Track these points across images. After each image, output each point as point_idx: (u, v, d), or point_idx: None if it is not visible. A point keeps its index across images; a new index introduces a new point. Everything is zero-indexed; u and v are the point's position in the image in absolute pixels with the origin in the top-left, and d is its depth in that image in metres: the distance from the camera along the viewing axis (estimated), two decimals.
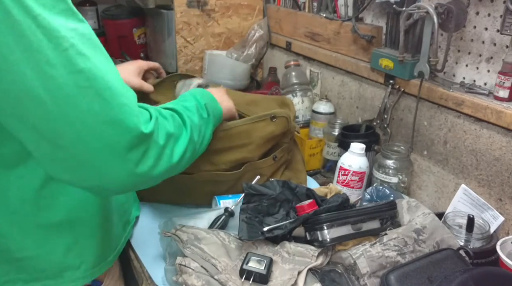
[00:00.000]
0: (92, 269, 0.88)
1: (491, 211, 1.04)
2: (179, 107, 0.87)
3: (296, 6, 1.77)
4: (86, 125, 0.63)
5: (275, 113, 1.13)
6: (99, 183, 0.68)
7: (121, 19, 1.99)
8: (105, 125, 0.64)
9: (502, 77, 1.02)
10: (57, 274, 0.84)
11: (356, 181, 1.22)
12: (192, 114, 0.88)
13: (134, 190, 0.77)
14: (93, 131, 0.64)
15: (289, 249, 0.92)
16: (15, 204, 0.77)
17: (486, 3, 1.06)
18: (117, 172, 0.67)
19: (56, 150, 0.65)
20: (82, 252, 0.86)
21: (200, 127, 0.89)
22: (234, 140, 1.11)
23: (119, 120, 0.65)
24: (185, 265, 0.86)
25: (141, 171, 0.69)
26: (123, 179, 0.68)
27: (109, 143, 0.65)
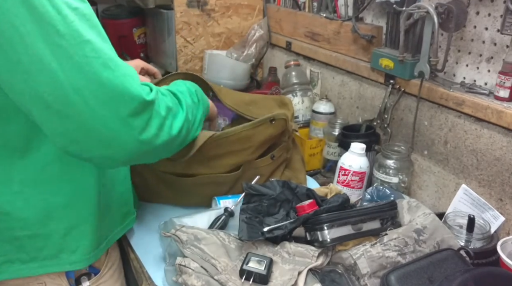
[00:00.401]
0: (88, 254, 0.89)
1: (492, 211, 1.04)
2: (174, 89, 0.90)
3: (296, 6, 1.77)
4: (93, 93, 0.67)
5: (274, 116, 1.13)
6: (105, 152, 0.72)
7: (121, 19, 1.99)
8: (112, 93, 0.68)
9: (502, 77, 1.02)
10: (54, 255, 0.86)
11: (356, 181, 1.22)
12: (185, 96, 0.92)
13: (138, 160, 0.78)
14: (100, 99, 0.67)
15: (289, 249, 0.92)
16: (18, 184, 0.80)
17: (487, 3, 1.06)
18: (122, 139, 0.71)
19: (64, 121, 0.68)
20: (80, 236, 0.87)
21: (192, 109, 0.93)
22: (235, 146, 1.11)
23: (124, 88, 0.69)
24: (185, 265, 0.86)
25: (145, 138, 0.73)
26: (128, 146, 0.72)
27: (115, 109, 0.69)
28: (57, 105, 0.67)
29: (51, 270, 0.86)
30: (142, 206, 1.21)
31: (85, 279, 0.91)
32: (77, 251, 0.88)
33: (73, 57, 0.65)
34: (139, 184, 1.16)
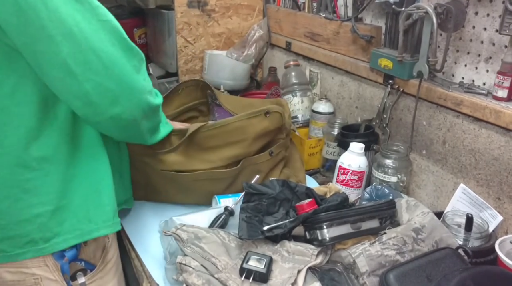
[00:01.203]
0: (108, 221, 0.91)
1: (490, 210, 1.05)
2: None
3: (295, 6, 1.77)
4: (109, 54, 0.78)
5: (269, 109, 1.14)
6: (116, 110, 0.81)
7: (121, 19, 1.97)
8: (123, 52, 0.80)
9: (501, 77, 1.03)
10: (76, 226, 0.87)
11: (355, 180, 1.23)
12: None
13: (143, 115, 0.88)
14: (115, 58, 0.78)
15: (289, 248, 0.92)
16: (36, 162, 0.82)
17: (485, 3, 1.06)
18: (134, 90, 0.82)
19: (83, 84, 0.77)
20: (97, 204, 0.90)
21: (160, 107, 1.00)
22: (229, 137, 1.12)
23: (131, 47, 0.83)
24: (186, 264, 0.87)
25: (148, 88, 0.87)
26: (137, 96, 0.84)
27: (125, 66, 0.80)
28: (78, 68, 0.75)
29: (74, 241, 0.87)
30: (143, 205, 1.21)
31: (80, 275, 0.91)
32: (97, 219, 0.89)
33: (91, 21, 0.75)
34: (140, 182, 1.17)
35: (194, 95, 1.43)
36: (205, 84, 1.39)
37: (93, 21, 0.76)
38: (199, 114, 1.47)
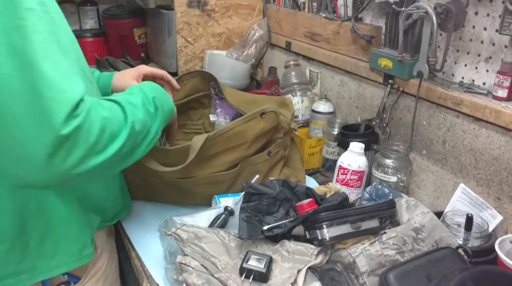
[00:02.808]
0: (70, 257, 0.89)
1: (490, 210, 1.05)
2: (123, 100, 0.83)
3: (296, 6, 1.77)
4: (14, 114, 0.65)
5: (264, 110, 1.14)
6: (19, 172, 0.69)
7: (121, 19, 2.00)
8: (33, 117, 0.65)
9: (501, 77, 1.03)
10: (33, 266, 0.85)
11: (355, 180, 1.23)
12: (136, 109, 0.84)
13: (64, 185, 0.76)
14: (22, 120, 0.65)
15: (289, 247, 0.92)
16: None
17: (485, 3, 1.06)
18: (39, 172, 0.67)
19: None
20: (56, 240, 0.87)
21: (145, 122, 0.85)
22: (229, 143, 1.12)
23: (46, 115, 0.65)
24: (186, 263, 0.87)
25: (64, 168, 0.68)
26: (42, 174, 0.68)
27: (36, 134, 0.65)
28: None
29: (30, 282, 0.85)
30: (143, 205, 1.21)
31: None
32: (61, 256, 0.87)
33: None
34: (140, 184, 1.17)
35: (199, 87, 1.41)
36: (211, 76, 1.38)
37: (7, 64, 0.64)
38: (199, 106, 1.46)
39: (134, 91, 0.90)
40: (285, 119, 1.24)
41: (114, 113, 0.78)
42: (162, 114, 0.93)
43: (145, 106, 0.87)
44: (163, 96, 0.96)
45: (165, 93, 0.98)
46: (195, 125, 1.47)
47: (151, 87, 0.95)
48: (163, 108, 0.93)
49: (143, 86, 0.94)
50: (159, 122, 0.91)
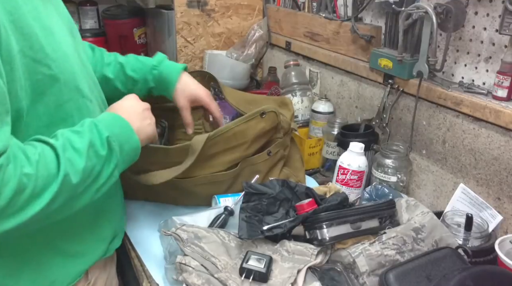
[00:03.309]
0: None
1: (490, 210, 1.05)
2: (62, 144, 0.73)
3: (295, 6, 1.77)
4: None
5: (264, 110, 1.14)
6: None
7: (121, 19, 2.00)
8: None
9: (500, 77, 1.03)
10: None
11: (355, 180, 1.23)
12: (77, 155, 0.74)
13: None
14: None
15: (289, 247, 0.92)
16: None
17: (485, 3, 1.06)
18: None
19: None
20: None
21: (89, 169, 0.75)
22: (231, 142, 1.12)
23: None
24: (185, 263, 0.87)
25: None
26: None
27: None
28: None
29: None
30: (143, 205, 1.21)
31: None
32: None
33: None
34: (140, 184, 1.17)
35: None
36: (211, 76, 1.38)
37: None
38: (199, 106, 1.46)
39: (83, 130, 0.78)
40: (285, 119, 1.24)
41: (41, 166, 0.68)
42: (121, 155, 0.81)
43: (93, 150, 0.76)
44: (124, 133, 0.83)
45: (129, 129, 0.84)
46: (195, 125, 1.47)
47: (109, 122, 0.82)
48: (122, 148, 0.81)
49: (100, 121, 0.81)
50: (115, 164, 0.80)
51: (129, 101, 0.94)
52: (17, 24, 0.68)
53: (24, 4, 0.71)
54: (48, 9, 0.80)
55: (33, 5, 0.73)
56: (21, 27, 0.69)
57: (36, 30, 0.72)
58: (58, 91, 0.77)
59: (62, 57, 0.78)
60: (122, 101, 0.93)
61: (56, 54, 0.76)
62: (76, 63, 0.84)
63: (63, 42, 0.80)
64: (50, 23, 0.77)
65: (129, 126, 0.85)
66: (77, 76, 0.82)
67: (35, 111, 0.74)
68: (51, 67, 0.74)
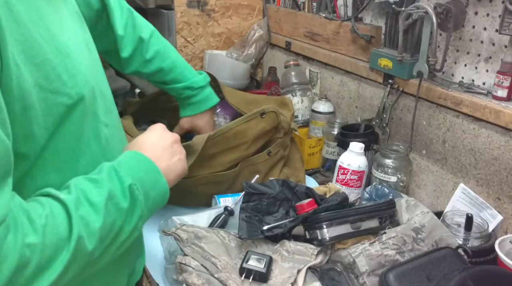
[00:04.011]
0: None
1: (490, 210, 1.05)
2: (73, 198, 0.61)
3: (295, 6, 1.77)
4: None
5: (264, 110, 1.15)
6: None
7: None
8: None
9: (500, 77, 1.03)
10: None
11: (355, 180, 1.23)
12: (94, 211, 0.61)
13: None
14: None
15: (289, 247, 0.92)
16: None
17: (485, 3, 1.06)
18: None
19: None
20: None
21: (109, 227, 0.63)
22: (231, 142, 1.12)
23: None
24: (186, 263, 0.87)
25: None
26: None
27: None
28: None
29: None
30: None
31: None
32: None
33: None
34: None
35: None
36: (210, 76, 1.38)
37: None
38: None
39: (101, 178, 0.65)
40: (285, 119, 1.24)
41: (49, 231, 0.56)
42: (146, 204, 0.68)
43: (113, 202, 0.64)
44: (150, 177, 0.71)
45: (155, 171, 0.72)
46: None
47: (131, 165, 0.69)
48: (147, 196, 0.69)
49: (120, 165, 0.68)
50: (139, 216, 0.67)
51: (154, 135, 0.80)
52: (29, 54, 0.57)
53: (35, 27, 0.59)
54: (62, 22, 0.68)
55: (45, 25, 0.62)
56: (33, 56, 0.58)
57: (51, 57, 0.61)
58: (77, 120, 0.66)
59: (81, 81, 0.66)
60: (147, 134, 0.80)
61: (75, 79, 0.64)
62: (95, 82, 0.71)
63: (81, 62, 0.68)
64: (66, 41, 0.66)
65: (156, 168, 0.72)
66: (95, 99, 0.70)
67: (53, 146, 0.63)
68: (71, 96, 0.63)
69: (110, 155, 0.73)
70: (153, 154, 0.73)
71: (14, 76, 0.54)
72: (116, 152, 0.75)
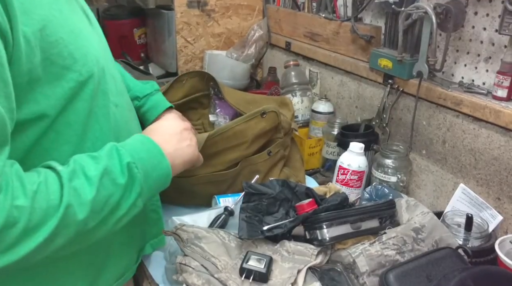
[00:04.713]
0: None
1: (490, 210, 1.05)
2: (69, 171, 0.65)
3: (295, 6, 1.77)
4: None
5: (265, 109, 1.15)
6: None
7: (121, 20, 1.99)
8: None
9: (500, 77, 1.03)
10: None
11: (355, 180, 1.23)
12: (88, 184, 0.65)
13: None
14: None
15: (289, 248, 0.92)
16: None
17: (485, 3, 1.06)
18: None
19: None
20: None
21: (104, 200, 0.66)
22: (231, 141, 1.12)
23: None
24: (186, 264, 0.87)
25: None
26: None
27: None
28: None
29: None
30: None
31: None
32: None
33: None
34: None
35: (198, 87, 1.42)
36: (210, 77, 1.39)
37: None
38: (199, 106, 1.46)
39: (100, 155, 0.70)
40: (285, 119, 1.24)
41: (39, 197, 0.60)
42: (146, 183, 0.71)
43: (110, 177, 0.67)
44: (152, 158, 0.74)
45: (158, 153, 0.75)
46: (195, 126, 1.48)
47: (134, 146, 0.74)
48: (148, 175, 0.72)
49: (124, 145, 0.73)
50: (137, 193, 0.70)
51: (167, 122, 0.85)
52: (44, 32, 0.62)
53: (50, 10, 0.65)
54: (74, 8, 0.75)
55: (59, 8, 0.67)
56: (47, 35, 0.63)
57: (64, 36, 0.66)
58: (88, 97, 0.71)
59: (92, 60, 0.71)
60: (159, 122, 0.86)
61: (86, 58, 0.70)
62: (105, 63, 0.76)
63: (92, 43, 0.74)
64: (77, 23, 0.72)
65: (159, 150, 0.75)
66: (105, 79, 0.75)
67: (66, 120, 0.69)
68: (82, 73, 0.69)
69: (118, 133, 0.78)
70: (161, 138, 0.78)
71: (24, 53, 0.59)
72: (125, 131, 0.80)
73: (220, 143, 1.11)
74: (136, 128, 0.88)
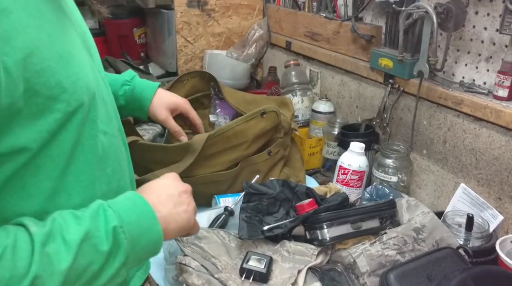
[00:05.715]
0: None
1: (491, 210, 1.05)
2: (44, 233, 0.57)
3: (296, 6, 1.77)
4: None
5: (265, 109, 1.15)
6: None
7: (121, 19, 1.99)
8: None
9: (501, 77, 1.02)
10: None
11: (355, 180, 1.23)
12: (65, 249, 0.57)
13: None
14: None
15: (289, 248, 0.92)
16: None
17: (485, 2, 1.06)
18: None
19: None
20: None
21: (81, 269, 0.58)
22: (231, 142, 1.12)
23: None
24: (186, 264, 0.87)
25: None
26: None
27: None
28: None
29: None
30: None
31: None
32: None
33: None
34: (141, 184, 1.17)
35: (199, 87, 1.42)
36: (210, 77, 1.39)
37: None
38: (199, 107, 1.46)
39: (84, 215, 0.61)
40: (285, 119, 1.24)
41: (2, 265, 0.52)
42: (133, 250, 0.63)
43: (90, 243, 0.59)
44: (143, 222, 0.65)
45: (150, 216, 0.66)
46: None
47: (125, 206, 0.65)
48: (136, 242, 0.63)
49: (114, 205, 0.64)
50: (121, 262, 0.62)
51: (164, 181, 0.78)
52: (29, 60, 0.55)
53: (36, 34, 0.58)
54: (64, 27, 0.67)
55: (47, 31, 0.60)
56: (33, 63, 0.56)
57: (52, 63, 0.59)
58: (75, 127, 0.64)
59: (82, 87, 0.64)
60: (158, 180, 0.78)
61: (76, 85, 0.63)
62: (96, 89, 0.69)
63: (83, 67, 0.67)
64: (67, 47, 0.65)
65: (151, 213, 0.67)
66: (96, 106, 0.68)
67: (49, 154, 0.61)
68: (70, 103, 0.62)
69: (105, 163, 0.71)
70: (157, 199, 0.70)
71: (4, 86, 0.53)
72: (112, 161, 0.73)
73: (220, 143, 1.10)
74: (125, 155, 0.81)
